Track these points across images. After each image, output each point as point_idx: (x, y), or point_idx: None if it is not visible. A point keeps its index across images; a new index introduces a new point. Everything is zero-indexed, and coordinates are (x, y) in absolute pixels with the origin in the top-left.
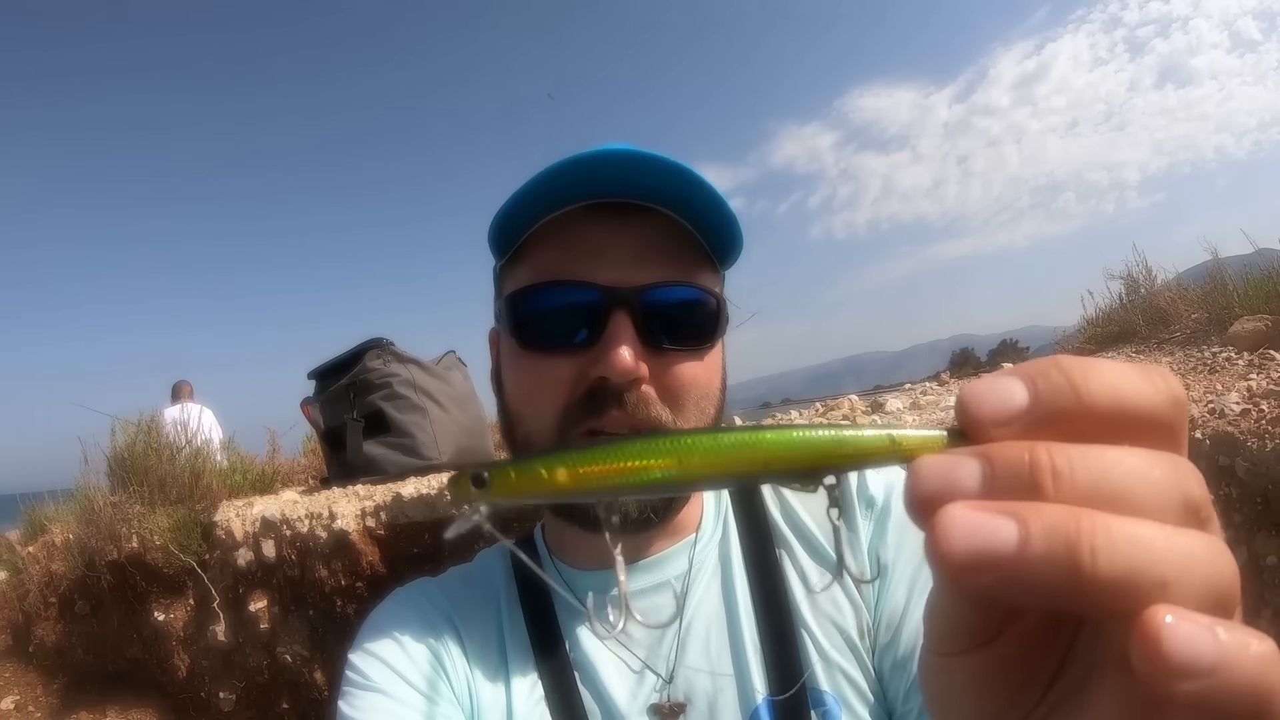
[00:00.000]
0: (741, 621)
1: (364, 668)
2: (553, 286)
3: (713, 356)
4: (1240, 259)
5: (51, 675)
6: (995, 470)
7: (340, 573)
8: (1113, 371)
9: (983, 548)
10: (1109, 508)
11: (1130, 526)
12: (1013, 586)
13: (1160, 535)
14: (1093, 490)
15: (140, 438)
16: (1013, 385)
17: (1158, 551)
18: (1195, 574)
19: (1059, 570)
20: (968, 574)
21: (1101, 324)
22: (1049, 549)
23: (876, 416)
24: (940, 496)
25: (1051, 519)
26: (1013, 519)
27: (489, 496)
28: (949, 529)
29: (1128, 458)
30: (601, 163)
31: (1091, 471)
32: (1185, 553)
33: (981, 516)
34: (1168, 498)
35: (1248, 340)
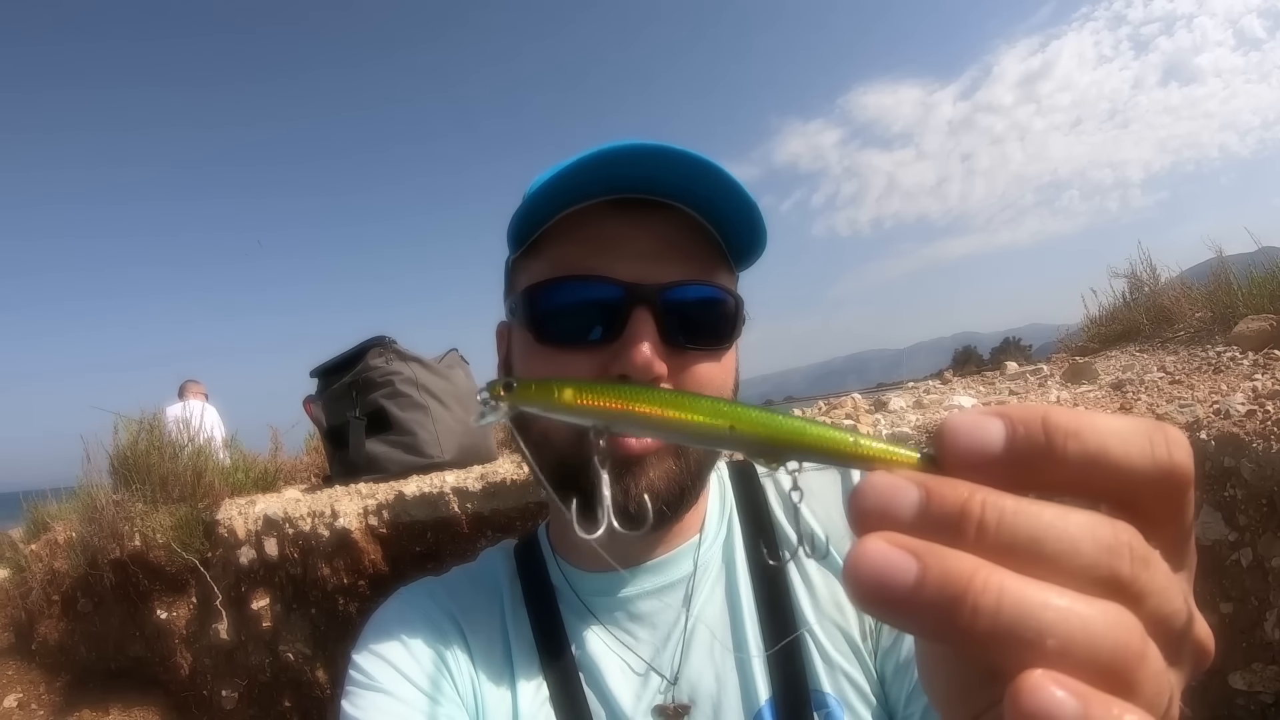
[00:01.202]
0: (745, 624)
1: (367, 667)
2: (573, 281)
3: (728, 357)
4: (1244, 257)
5: (54, 673)
6: (930, 506)
7: (342, 571)
8: (1104, 433)
9: (883, 580)
10: (1024, 565)
11: (1026, 589)
12: (902, 620)
13: (1055, 601)
14: (1011, 547)
15: (143, 436)
16: (992, 428)
17: (1045, 616)
18: (1083, 643)
19: (941, 617)
20: (867, 600)
21: (1105, 323)
22: (937, 596)
23: (880, 415)
24: (874, 518)
25: (948, 568)
26: (915, 560)
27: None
28: (861, 556)
29: (1061, 521)
30: (626, 157)
31: (1018, 530)
32: (1079, 622)
33: (890, 552)
34: (1088, 567)
35: (1252, 340)
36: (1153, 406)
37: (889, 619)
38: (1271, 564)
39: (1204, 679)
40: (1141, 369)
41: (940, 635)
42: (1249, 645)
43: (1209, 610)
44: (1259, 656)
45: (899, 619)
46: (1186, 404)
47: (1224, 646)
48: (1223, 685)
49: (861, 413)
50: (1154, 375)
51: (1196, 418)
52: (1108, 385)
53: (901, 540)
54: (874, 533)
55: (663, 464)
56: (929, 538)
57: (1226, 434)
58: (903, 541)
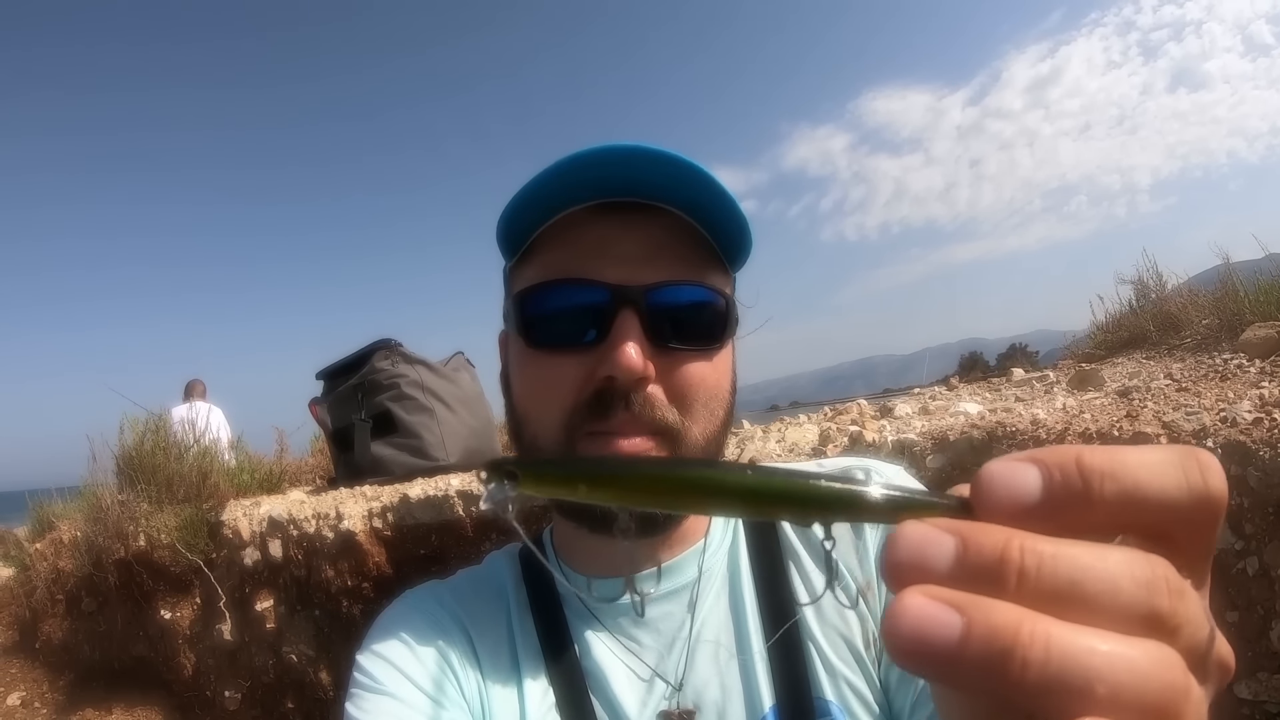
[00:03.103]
0: (749, 631)
1: (372, 670)
2: (559, 285)
3: (722, 358)
4: (1251, 264)
5: (58, 672)
6: (967, 556)
7: (346, 573)
8: (1138, 469)
9: (926, 637)
10: (1066, 610)
11: (1073, 636)
12: (948, 677)
13: (1102, 646)
14: (1054, 593)
15: (148, 436)
16: (1029, 475)
17: (1095, 663)
18: (1130, 686)
19: (991, 671)
20: (909, 658)
21: (1112, 329)
22: (985, 650)
23: (886, 422)
24: (910, 571)
25: (993, 621)
26: (958, 614)
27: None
28: (901, 613)
29: (1101, 562)
30: (608, 160)
31: (1058, 574)
32: (1126, 666)
33: (931, 607)
34: (1131, 607)
35: (1259, 348)
36: (1159, 414)
37: (933, 676)
38: (1278, 572)
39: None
40: (1148, 376)
41: (988, 690)
42: (1254, 654)
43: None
44: (1265, 666)
45: (944, 676)
46: (1193, 411)
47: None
48: (1228, 695)
49: (868, 419)
50: (1161, 383)
51: (1203, 425)
52: (1114, 392)
53: (941, 593)
54: (912, 586)
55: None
56: (968, 588)
57: (1233, 442)
58: (943, 594)
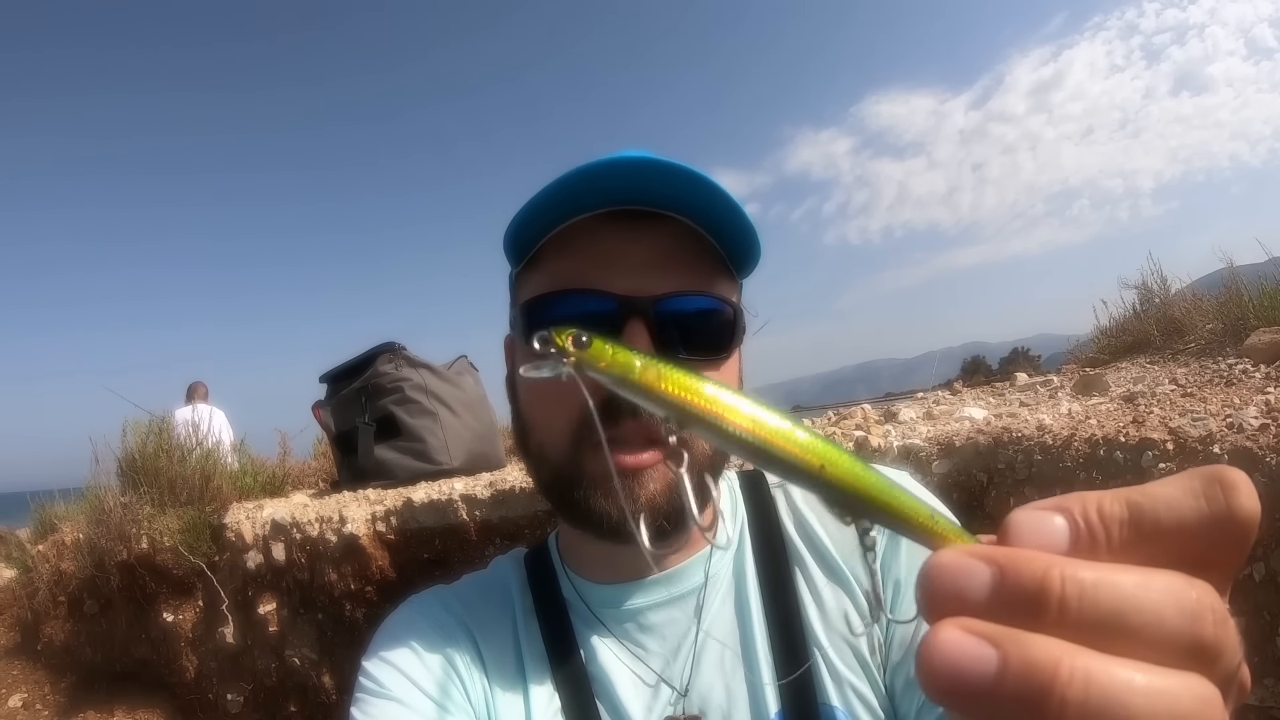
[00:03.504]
0: (755, 636)
1: (378, 674)
2: (568, 295)
3: (729, 366)
4: (1255, 268)
5: (59, 674)
6: (1005, 585)
7: (350, 577)
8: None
9: (961, 673)
10: (1106, 643)
11: (1115, 672)
12: (981, 714)
13: (1144, 684)
14: (1095, 624)
15: (151, 438)
16: (1055, 524)
17: (1134, 702)
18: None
19: (1025, 710)
20: (944, 695)
21: (1115, 334)
22: (1021, 688)
23: (890, 426)
24: (947, 601)
25: (1031, 658)
26: (995, 649)
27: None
28: (935, 647)
29: (1143, 591)
30: (617, 170)
31: (1100, 604)
32: (1166, 705)
33: (968, 642)
34: (1173, 638)
35: (1264, 353)
36: (1165, 419)
37: (967, 713)
38: None
39: None
40: (1153, 381)
41: None
42: (1261, 660)
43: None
44: (1271, 672)
45: (978, 713)
46: (1199, 417)
47: None
48: None
49: (872, 423)
50: (1165, 388)
51: (1209, 431)
52: (1119, 398)
53: (978, 627)
54: (947, 619)
55: (663, 477)
56: (1007, 619)
57: (1240, 448)
58: (979, 628)
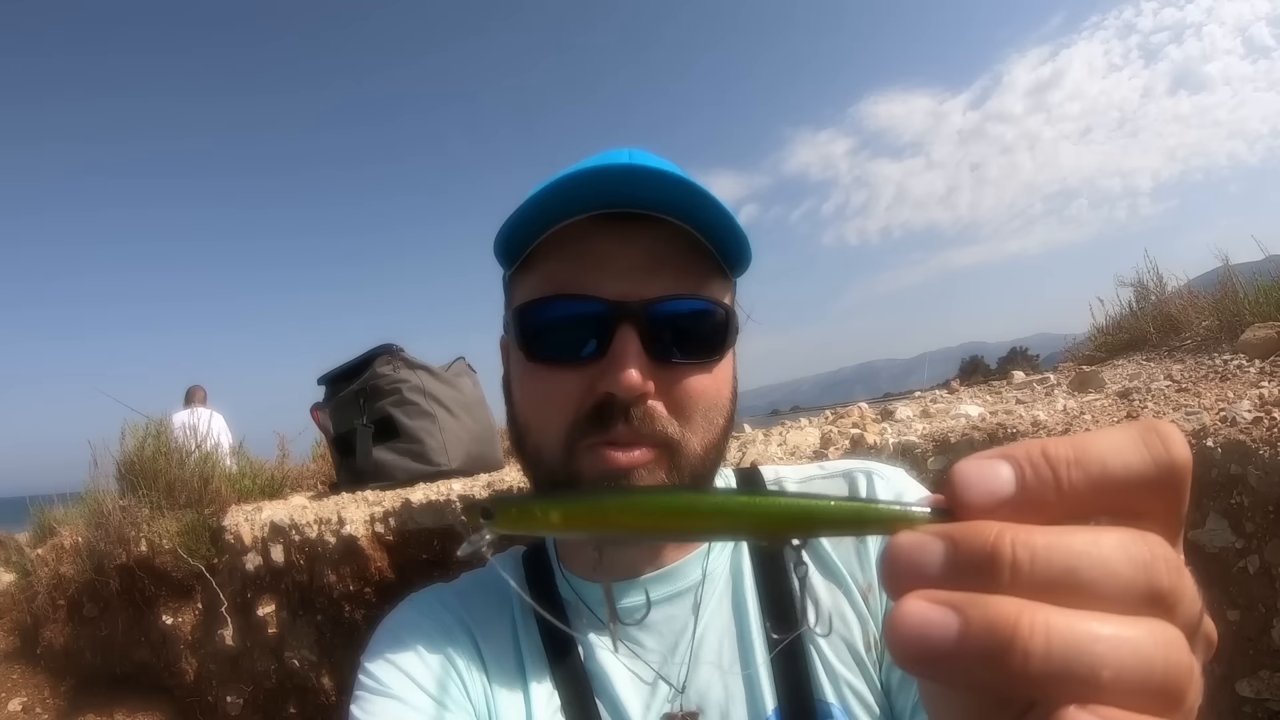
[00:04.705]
0: (752, 633)
1: (378, 673)
2: (559, 300)
3: (722, 368)
4: (1251, 265)
5: (59, 677)
6: (958, 556)
7: (349, 578)
8: (1103, 452)
9: (925, 641)
10: (1065, 598)
11: (1073, 623)
12: (952, 676)
13: (1104, 631)
14: (1049, 581)
15: (149, 441)
16: (1001, 471)
17: (1098, 649)
18: (1136, 667)
19: (993, 666)
20: (913, 662)
21: (1112, 332)
22: (984, 645)
23: (887, 425)
24: (906, 578)
25: (990, 616)
26: (955, 613)
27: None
28: (900, 619)
29: (1094, 545)
30: (606, 174)
31: (1053, 563)
32: (1130, 649)
33: (927, 609)
34: (1129, 587)
35: (1259, 348)
36: (1159, 415)
37: (938, 677)
38: (1278, 571)
39: (1210, 687)
40: (1148, 377)
41: (993, 685)
42: (1256, 652)
43: (1216, 618)
44: (1266, 664)
45: (948, 676)
46: (1193, 412)
47: (1231, 654)
48: (1230, 693)
49: (869, 422)
50: (1161, 384)
51: (1203, 425)
52: (1115, 394)
53: (938, 595)
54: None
55: (653, 477)
56: (966, 587)
57: (1233, 441)
58: (939, 597)
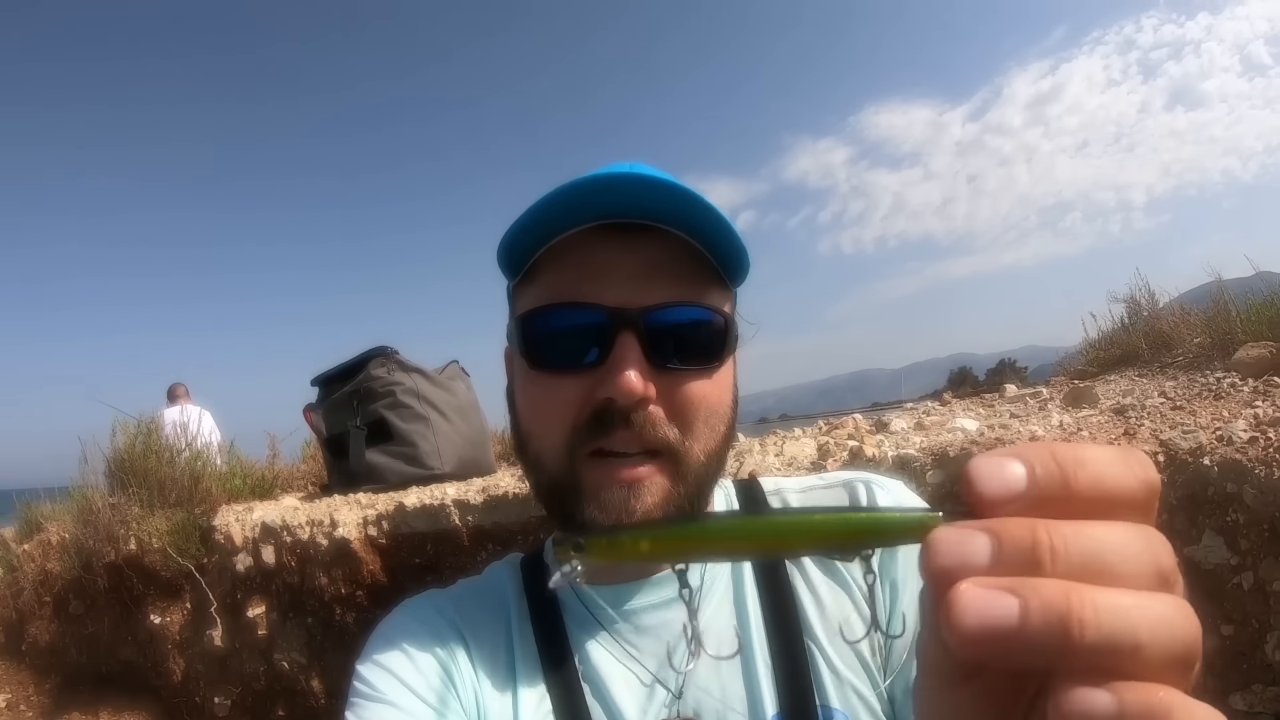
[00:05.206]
0: (753, 637)
1: (372, 679)
2: (560, 308)
3: (722, 374)
4: (1242, 282)
5: (44, 675)
6: (1003, 547)
7: (340, 581)
8: (1099, 461)
9: (990, 623)
10: (1095, 579)
11: (1112, 598)
12: (1013, 654)
13: (1136, 604)
14: (1083, 565)
15: (140, 439)
16: (1015, 469)
17: (1134, 619)
18: (1165, 635)
19: (1053, 640)
20: (976, 645)
21: (1104, 346)
22: (1045, 623)
23: (882, 436)
24: (955, 570)
25: (1048, 596)
26: (1015, 596)
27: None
28: (962, 606)
29: (1111, 534)
30: (607, 185)
31: (1082, 549)
32: (1158, 617)
33: (990, 595)
34: (1144, 568)
35: (1252, 367)
36: (1156, 432)
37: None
38: (1272, 587)
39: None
40: (1142, 394)
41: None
42: (1249, 667)
43: (1211, 633)
44: (1259, 678)
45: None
46: (1189, 430)
47: (1225, 668)
48: (1223, 707)
49: (865, 433)
50: (1155, 400)
51: (1200, 444)
52: (1109, 410)
53: (992, 582)
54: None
55: (659, 488)
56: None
57: (1229, 460)
58: (994, 582)
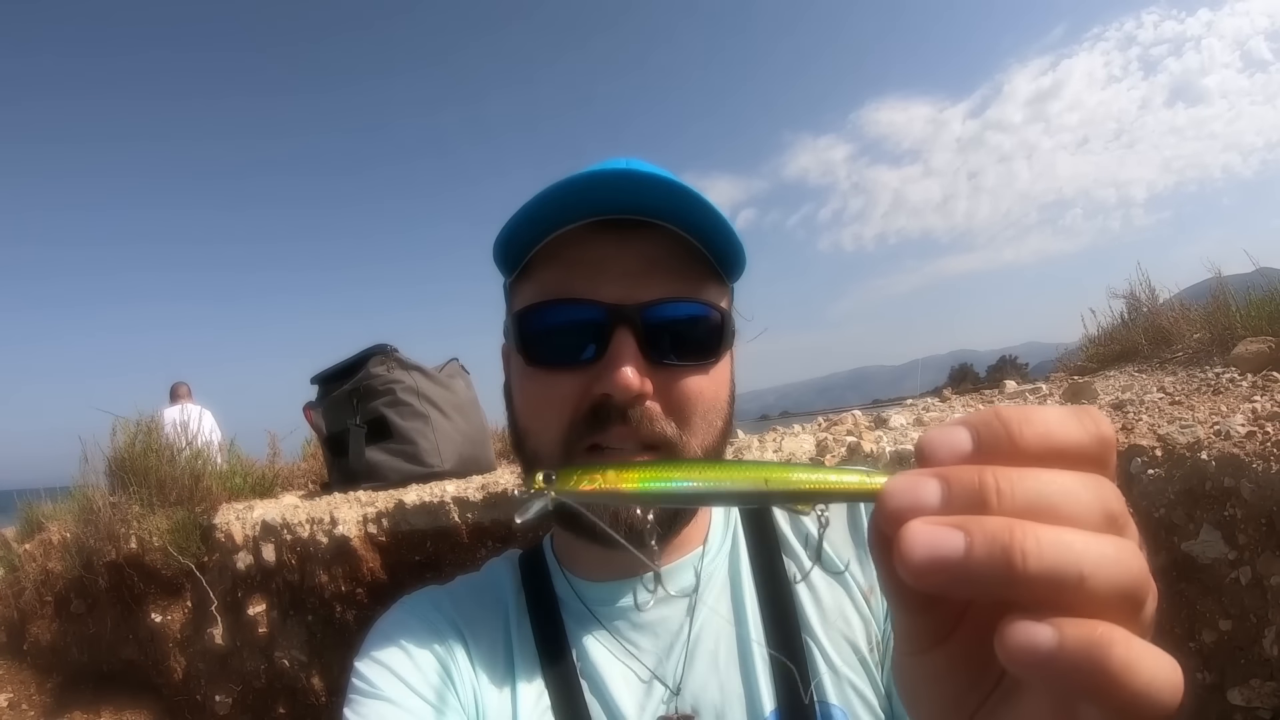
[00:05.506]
0: (750, 634)
1: (370, 675)
2: (557, 305)
3: (719, 370)
4: (1242, 278)
5: (46, 674)
6: (951, 489)
7: (340, 579)
8: (1046, 418)
9: (936, 554)
10: (1041, 518)
11: (1055, 533)
12: (960, 584)
13: (1080, 539)
14: (1028, 505)
15: (140, 438)
16: (960, 434)
17: (1077, 552)
18: (1110, 570)
19: (997, 570)
20: (925, 576)
21: (1103, 342)
22: (989, 554)
23: (881, 432)
24: (907, 511)
25: (991, 529)
26: (960, 530)
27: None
28: (910, 541)
29: (1058, 478)
30: (601, 181)
31: (1028, 490)
32: (1100, 553)
33: (937, 529)
34: (1090, 509)
35: (1251, 362)
36: (1154, 427)
37: (948, 587)
38: (1270, 582)
39: (1202, 695)
40: (1141, 389)
41: (999, 587)
42: (1247, 662)
43: (1209, 628)
44: (1257, 673)
45: (958, 584)
46: (1187, 425)
47: (1223, 663)
48: (1221, 701)
49: (863, 429)
50: (1154, 396)
51: (1197, 438)
52: (1108, 405)
53: (940, 519)
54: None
55: None
56: (958, 514)
57: (1227, 454)
58: (942, 520)
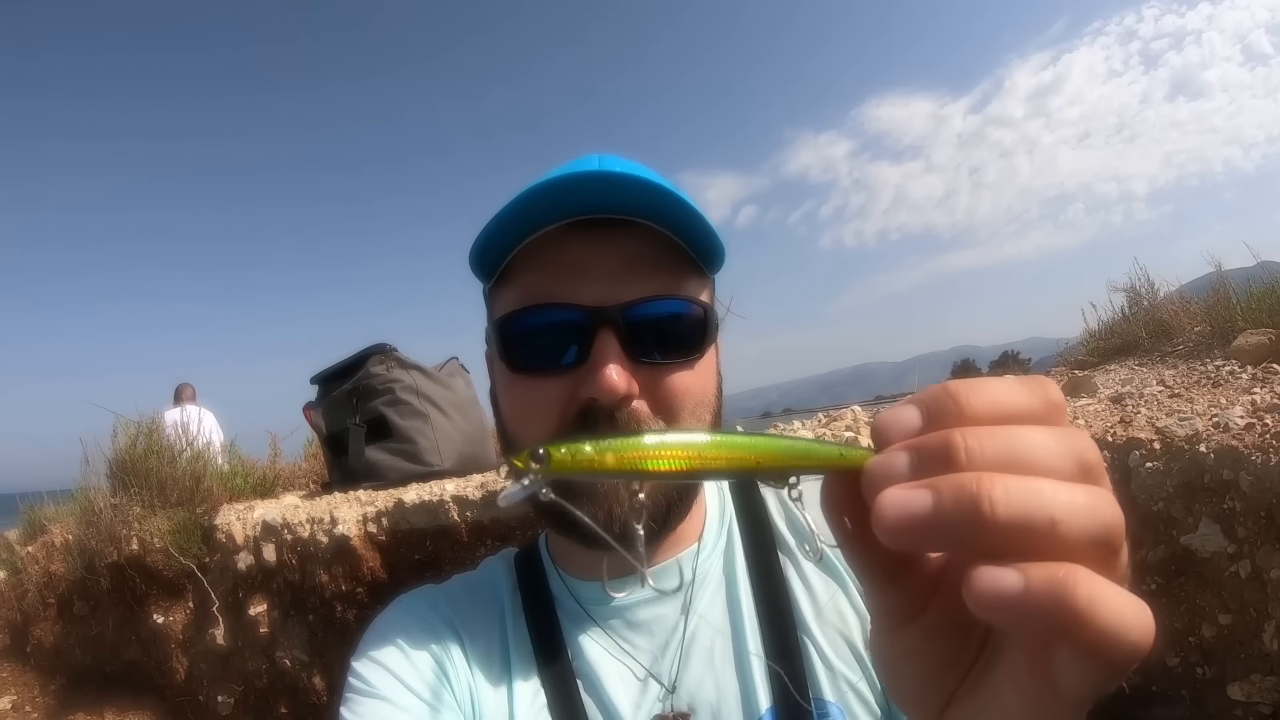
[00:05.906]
0: (746, 631)
1: (367, 674)
2: (537, 309)
3: (704, 364)
4: (1243, 271)
5: (49, 676)
6: (921, 456)
7: (341, 578)
8: (994, 386)
9: (906, 512)
10: (1015, 471)
11: (1024, 481)
12: (935, 538)
13: (1051, 487)
14: (999, 459)
15: (141, 439)
16: (910, 411)
17: (1046, 498)
18: (1081, 516)
19: (966, 518)
20: (899, 534)
21: (1104, 336)
22: (957, 504)
23: None
24: (880, 482)
25: (959, 482)
26: (928, 489)
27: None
28: (882, 507)
29: (1028, 432)
30: (576, 183)
31: (998, 445)
32: (1071, 500)
33: (906, 490)
34: (1061, 460)
35: (1251, 354)
36: (1152, 419)
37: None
38: (1270, 575)
39: (1202, 690)
40: (1140, 383)
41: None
42: (1247, 656)
43: (1208, 622)
44: (1257, 668)
45: (932, 539)
46: (1186, 417)
47: (1223, 657)
48: (1221, 696)
49: (862, 425)
50: (1153, 389)
51: (1196, 430)
52: (1107, 398)
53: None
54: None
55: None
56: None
57: (1226, 447)
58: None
